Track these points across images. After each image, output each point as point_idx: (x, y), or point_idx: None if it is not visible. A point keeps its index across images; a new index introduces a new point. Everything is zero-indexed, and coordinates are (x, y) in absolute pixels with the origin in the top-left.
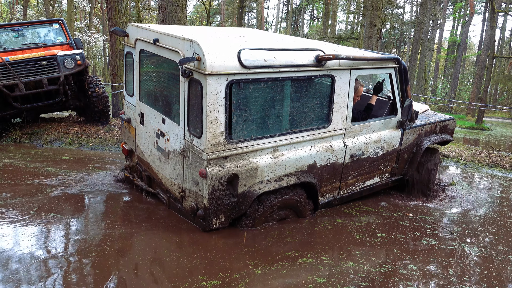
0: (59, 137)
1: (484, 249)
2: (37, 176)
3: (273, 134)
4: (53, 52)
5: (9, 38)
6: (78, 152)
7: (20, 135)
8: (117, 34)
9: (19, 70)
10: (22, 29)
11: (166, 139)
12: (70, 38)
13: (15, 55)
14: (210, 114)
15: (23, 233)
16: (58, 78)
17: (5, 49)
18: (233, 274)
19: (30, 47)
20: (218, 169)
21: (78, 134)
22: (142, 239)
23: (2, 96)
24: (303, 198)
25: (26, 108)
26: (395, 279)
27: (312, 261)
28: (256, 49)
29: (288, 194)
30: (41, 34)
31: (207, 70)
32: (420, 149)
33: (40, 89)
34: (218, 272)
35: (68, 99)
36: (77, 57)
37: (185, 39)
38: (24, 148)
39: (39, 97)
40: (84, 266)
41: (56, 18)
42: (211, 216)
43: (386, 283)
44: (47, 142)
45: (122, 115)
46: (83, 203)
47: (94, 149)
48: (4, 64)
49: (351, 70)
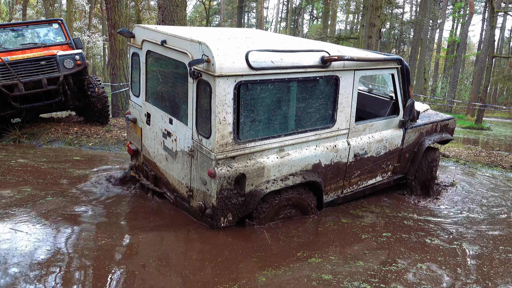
0: (58, 137)
1: (486, 248)
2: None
3: (279, 134)
4: (53, 52)
5: (9, 38)
6: (86, 152)
7: (19, 135)
8: (123, 35)
9: (19, 70)
10: (22, 29)
11: (173, 139)
12: (69, 38)
13: (14, 55)
14: (218, 115)
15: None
16: (57, 78)
17: (5, 49)
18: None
19: (30, 47)
20: (226, 169)
21: (77, 134)
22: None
23: (1, 96)
24: (308, 197)
25: (26, 108)
26: (404, 278)
27: (321, 261)
28: (263, 50)
29: (294, 193)
30: (41, 34)
31: (216, 72)
32: (422, 148)
33: (40, 89)
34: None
35: (68, 99)
36: (76, 57)
37: (194, 41)
38: (24, 148)
39: (39, 97)
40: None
41: (56, 18)
42: (219, 215)
43: (396, 280)
44: (46, 142)
45: (128, 115)
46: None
47: (94, 149)
48: (3, 64)
49: (355, 70)
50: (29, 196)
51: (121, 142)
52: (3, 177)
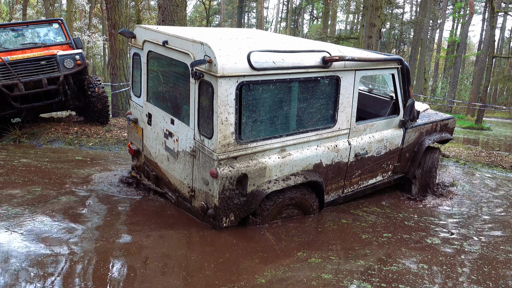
0: (58, 137)
1: (486, 248)
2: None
3: (281, 134)
4: (53, 52)
5: (9, 37)
6: (87, 152)
7: (19, 135)
8: (124, 35)
9: (19, 70)
10: (22, 28)
11: (175, 139)
12: (69, 37)
13: (14, 55)
14: (221, 115)
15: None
16: (57, 78)
17: (5, 49)
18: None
19: (30, 47)
20: (228, 169)
21: (77, 134)
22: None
23: (1, 96)
24: (310, 197)
25: (26, 108)
26: (406, 277)
27: (321, 261)
28: (265, 51)
29: (295, 193)
30: (41, 34)
31: (218, 72)
32: (422, 147)
33: (40, 89)
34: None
35: (68, 99)
36: (76, 57)
37: (196, 41)
38: (24, 147)
39: (39, 97)
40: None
41: (56, 18)
42: (221, 215)
43: (397, 280)
44: (46, 142)
45: (129, 115)
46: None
47: (94, 149)
48: (3, 64)
49: (356, 71)
50: (41, 196)
51: (121, 142)
52: (8, 177)
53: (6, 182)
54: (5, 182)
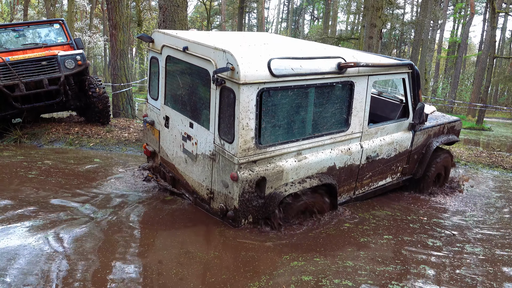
0: (59, 137)
1: (489, 250)
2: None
3: (298, 138)
4: (54, 52)
5: (10, 38)
6: (96, 152)
7: (20, 135)
8: (143, 40)
9: (20, 70)
10: (23, 29)
11: (193, 142)
12: (70, 38)
13: (15, 55)
14: (242, 121)
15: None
16: (58, 78)
17: (6, 49)
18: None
19: (31, 47)
20: (248, 173)
21: (78, 134)
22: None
23: (2, 96)
24: (323, 199)
25: (27, 108)
26: (406, 278)
27: (304, 263)
28: (284, 58)
29: (310, 195)
30: (42, 34)
31: (240, 80)
32: (430, 149)
33: (41, 89)
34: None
35: (69, 99)
36: (77, 57)
37: (218, 49)
38: (25, 148)
39: (40, 97)
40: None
41: (57, 18)
42: (240, 217)
43: (397, 280)
44: (47, 142)
45: (146, 117)
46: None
47: (95, 149)
48: (4, 64)
49: (369, 76)
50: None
51: (122, 143)
52: (53, 179)
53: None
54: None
